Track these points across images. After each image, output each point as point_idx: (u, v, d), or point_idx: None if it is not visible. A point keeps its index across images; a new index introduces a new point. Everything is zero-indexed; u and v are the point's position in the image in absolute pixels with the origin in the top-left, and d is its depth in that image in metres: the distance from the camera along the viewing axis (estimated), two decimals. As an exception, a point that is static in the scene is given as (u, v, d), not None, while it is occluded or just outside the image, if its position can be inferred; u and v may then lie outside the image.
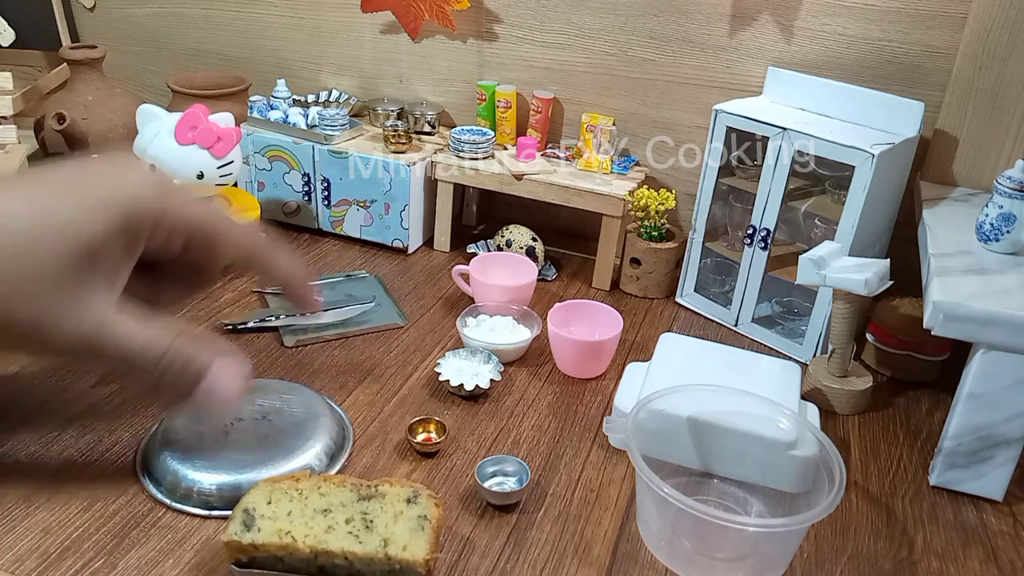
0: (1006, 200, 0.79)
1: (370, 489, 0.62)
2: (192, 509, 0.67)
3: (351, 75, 1.31)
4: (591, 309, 0.93)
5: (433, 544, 0.59)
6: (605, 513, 0.71)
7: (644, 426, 0.69)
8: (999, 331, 0.69)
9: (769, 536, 0.64)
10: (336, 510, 0.60)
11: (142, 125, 1.00)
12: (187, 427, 0.71)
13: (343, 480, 0.63)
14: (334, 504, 0.61)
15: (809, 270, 0.83)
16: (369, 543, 0.58)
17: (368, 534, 0.59)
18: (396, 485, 0.63)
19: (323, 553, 0.58)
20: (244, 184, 1.19)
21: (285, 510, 0.60)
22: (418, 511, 0.61)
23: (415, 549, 0.58)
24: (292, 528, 0.59)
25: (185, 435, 0.70)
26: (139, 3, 1.41)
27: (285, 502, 0.61)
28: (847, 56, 1.02)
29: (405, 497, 0.62)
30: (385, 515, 0.60)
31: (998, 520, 0.74)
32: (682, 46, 1.10)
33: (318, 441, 0.72)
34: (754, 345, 0.99)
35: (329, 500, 0.61)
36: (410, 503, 0.61)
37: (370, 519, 0.60)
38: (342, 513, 0.60)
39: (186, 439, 0.70)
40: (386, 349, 0.92)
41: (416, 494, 0.62)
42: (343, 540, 0.58)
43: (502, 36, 1.19)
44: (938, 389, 0.93)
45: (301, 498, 0.61)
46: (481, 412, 0.82)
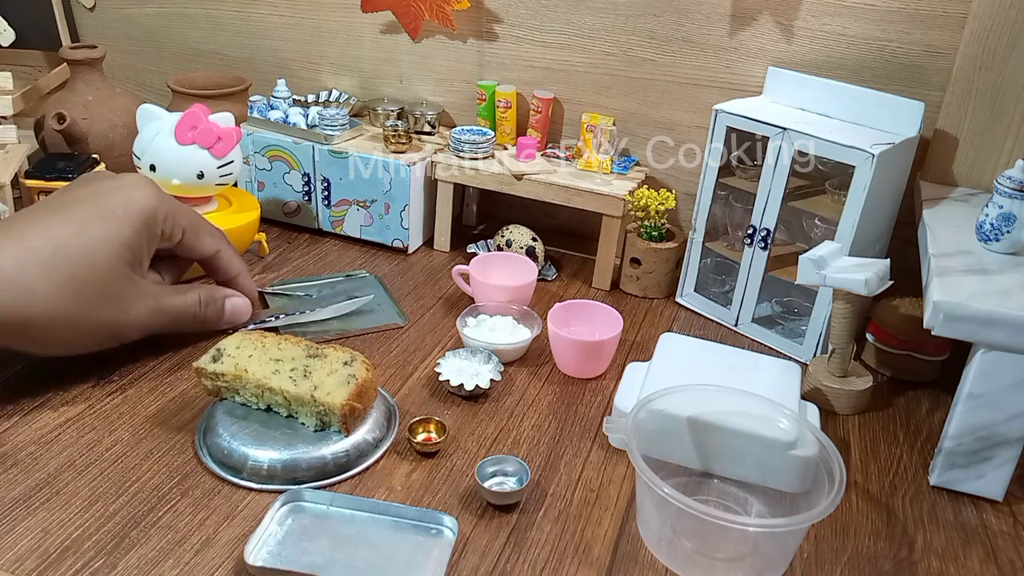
0: (1006, 200, 0.79)
1: (317, 350, 0.77)
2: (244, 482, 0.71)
3: (351, 75, 1.31)
4: (591, 309, 0.93)
5: (353, 396, 0.72)
6: (605, 513, 0.71)
7: (644, 426, 0.69)
8: (999, 331, 0.69)
9: (769, 536, 0.64)
10: (286, 360, 0.76)
11: (142, 125, 1.00)
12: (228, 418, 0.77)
13: (299, 341, 0.79)
14: (286, 356, 0.76)
15: (809, 270, 0.83)
16: (302, 387, 0.73)
17: (304, 381, 0.73)
18: (339, 350, 0.77)
19: (267, 389, 0.73)
20: (244, 184, 1.19)
21: (247, 353, 0.76)
22: (350, 371, 0.74)
23: (336, 396, 0.72)
24: (248, 366, 0.75)
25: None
26: (139, 3, 1.41)
27: (249, 348, 0.77)
28: (847, 56, 1.02)
29: (343, 360, 0.76)
30: (322, 370, 0.75)
31: (998, 520, 0.74)
32: (682, 46, 1.10)
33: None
34: (754, 345, 0.99)
35: (283, 353, 0.77)
36: (346, 364, 0.75)
37: (310, 370, 0.75)
38: (290, 364, 0.75)
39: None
40: (386, 349, 0.92)
41: (353, 358, 0.76)
42: (283, 381, 0.73)
43: (502, 36, 1.19)
44: (938, 389, 0.93)
45: (262, 348, 0.77)
46: (481, 412, 0.82)
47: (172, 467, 0.72)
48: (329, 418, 0.73)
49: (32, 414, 0.77)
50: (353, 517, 0.67)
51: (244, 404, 0.76)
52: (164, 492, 0.69)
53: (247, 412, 0.75)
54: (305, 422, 0.74)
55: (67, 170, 1.09)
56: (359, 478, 0.72)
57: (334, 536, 0.65)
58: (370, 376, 0.75)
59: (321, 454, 0.72)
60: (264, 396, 0.75)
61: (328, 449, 0.72)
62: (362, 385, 0.73)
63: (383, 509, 0.67)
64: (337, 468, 0.72)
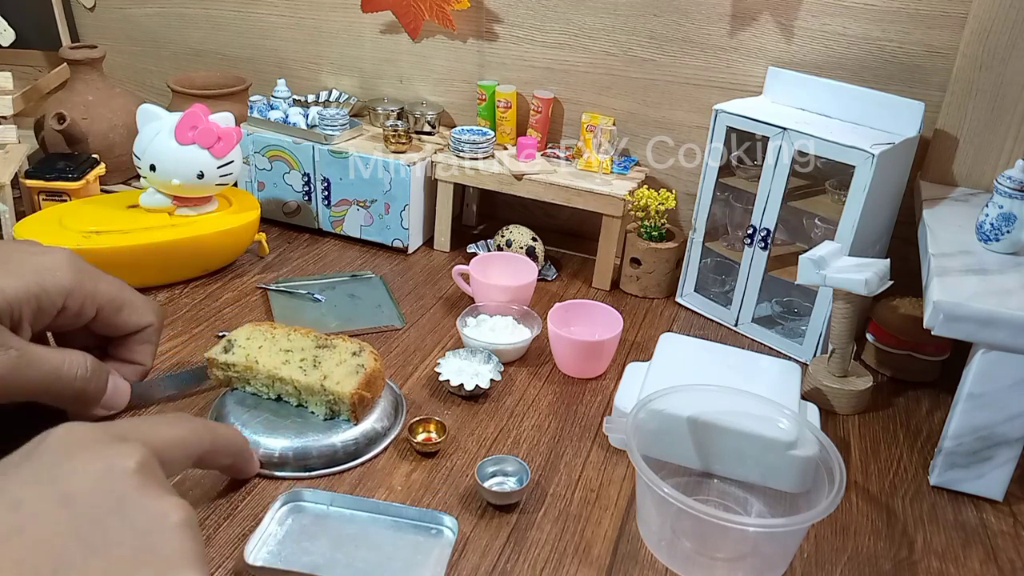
0: (1006, 200, 0.79)
1: (327, 340, 0.78)
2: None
3: (351, 75, 1.31)
4: (591, 309, 0.93)
5: (362, 385, 0.73)
6: (605, 513, 0.71)
7: (644, 426, 0.69)
8: (999, 331, 0.69)
9: (769, 536, 0.64)
10: (295, 351, 0.77)
11: (142, 125, 1.00)
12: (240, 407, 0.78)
13: (308, 332, 0.80)
14: (295, 347, 0.77)
15: (809, 270, 0.83)
16: (312, 376, 0.74)
17: (314, 371, 0.75)
18: (347, 341, 0.78)
19: (277, 379, 0.75)
20: (244, 184, 1.19)
21: (257, 344, 0.78)
22: (359, 361, 0.76)
23: (345, 385, 0.73)
24: (259, 356, 0.76)
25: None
26: (139, 3, 1.41)
27: (259, 339, 0.78)
28: (847, 56, 1.02)
29: (352, 350, 0.77)
30: (331, 360, 0.76)
31: (998, 520, 0.74)
32: (682, 46, 1.10)
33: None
34: (754, 345, 0.99)
35: (293, 343, 0.78)
36: (355, 355, 0.77)
37: (319, 360, 0.76)
38: (300, 354, 0.77)
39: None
40: (386, 349, 0.92)
41: (361, 349, 0.77)
42: (293, 371, 0.75)
43: (502, 36, 1.19)
44: (938, 389, 0.93)
45: (272, 338, 0.78)
46: (481, 412, 0.82)
47: (172, 467, 0.72)
48: (339, 407, 0.74)
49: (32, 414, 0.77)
50: (353, 517, 0.67)
51: (255, 394, 0.77)
52: (164, 492, 0.69)
53: (257, 402, 0.76)
54: (315, 411, 0.75)
55: (67, 170, 1.09)
56: (360, 478, 0.72)
57: (334, 536, 0.65)
58: (378, 366, 0.76)
59: (331, 442, 0.73)
60: (275, 386, 0.76)
61: (338, 437, 0.73)
62: (370, 375, 0.75)
63: (383, 509, 0.67)
64: (347, 456, 0.73)
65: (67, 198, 1.08)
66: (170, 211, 1.02)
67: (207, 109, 1.00)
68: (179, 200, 1.02)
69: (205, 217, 1.02)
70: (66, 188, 1.07)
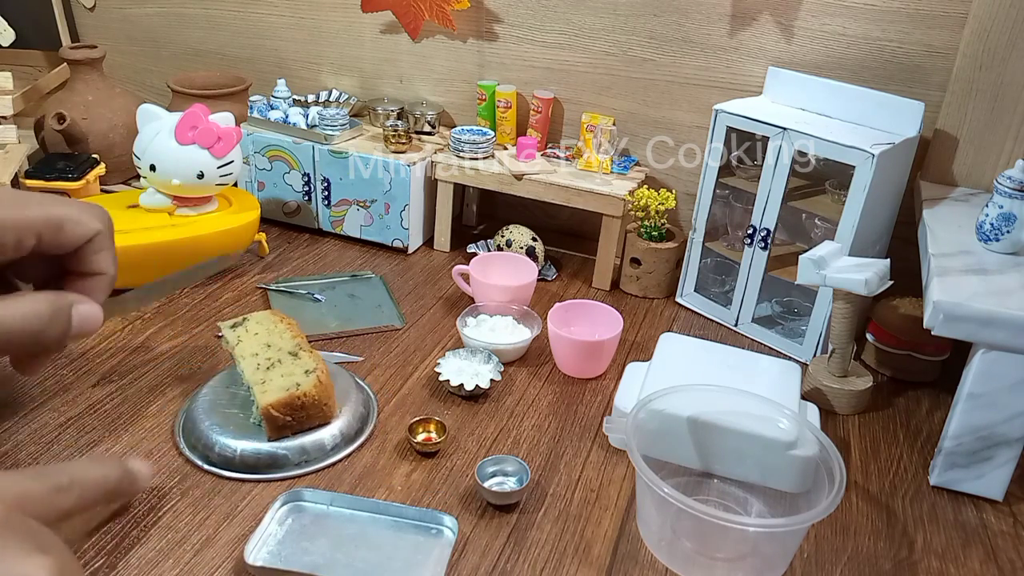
0: (1006, 200, 0.79)
1: (304, 349, 0.78)
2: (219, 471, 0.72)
3: (351, 75, 1.31)
4: (591, 309, 0.93)
5: (280, 403, 0.71)
6: (605, 513, 0.71)
7: (644, 426, 0.69)
8: (999, 331, 0.69)
9: (769, 536, 0.64)
10: (272, 348, 0.78)
11: (142, 125, 1.00)
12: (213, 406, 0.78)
13: (299, 335, 0.80)
14: (275, 344, 0.79)
15: (809, 270, 0.83)
16: (254, 377, 0.74)
17: (261, 372, 0.75)
18: (313, 359, 0.77)
19: (241, 369, 0.77)
20: (244, 184, 1.19)
21: (254, 332, 0.80)
22: (299, 380, 0.74)
23: (266, 397, 0.72)
24: (246, 342, 0.79)
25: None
26: (139, 3, 1.41)
27: (265, 326, 0.81)
28: (847, 56, 1.02)
29: (308, 368, 0.75)
30: (283, 368, 0.75)
31: (998, 520, 0.74)
32: (682, 46, 1.10)
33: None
34: (754, 345, 0.99)
35: (275, 341, 0.79)
36: (306, 373, 0.75)
37: (275, 365, 0.76)
38: (268, 353, 0.77)
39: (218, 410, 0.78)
40: (386, 349, 0.92)
41: (315, 370, 0.75)
42: (249, 366, 0.76)
43: (502, 36, 1.19)
44: (938, 389, 0.93)
45: (272, 330, 0.81)
46: (481, 412, 0.82)
47: (172, 467, 0.72)
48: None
49: (32, 414, 0.77)
50: (353, 517, 0.67)
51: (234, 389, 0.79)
52: (164, 492, 0.69)
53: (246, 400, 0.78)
54: (253, 412, 0.75)
55: (67, 170, 1.09)
56: (360, 478, 0.72)
57: (334, 536, 0.65)
58: (314, 392, 0.73)
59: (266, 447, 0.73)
60: (242, 375, 0.77)
61: (249, 444, 0.73)
62: (296, 397, 0.72)
63: (383, 509, 0.67)
64: (246, 468, 0.72)
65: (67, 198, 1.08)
66: (170, 211, 1.02)
67: (207, 109, 1.00)
68: (179, 200, 1.02)
69: (205, 217, 1.02)
70: (66, 188, 1.07)
